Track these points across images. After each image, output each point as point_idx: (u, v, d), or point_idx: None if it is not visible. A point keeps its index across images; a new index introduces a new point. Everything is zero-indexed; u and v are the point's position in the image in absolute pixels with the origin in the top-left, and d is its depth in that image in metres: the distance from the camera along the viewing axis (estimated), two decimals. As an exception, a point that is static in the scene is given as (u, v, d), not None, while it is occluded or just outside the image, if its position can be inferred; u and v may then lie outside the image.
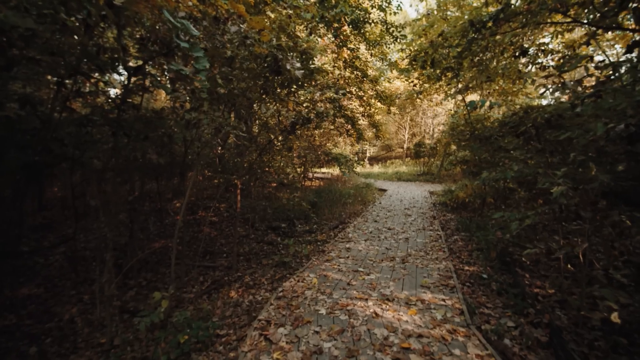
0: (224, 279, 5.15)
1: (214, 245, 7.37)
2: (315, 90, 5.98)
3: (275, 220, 8.93)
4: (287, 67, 3.05)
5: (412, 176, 20.80)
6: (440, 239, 6.03)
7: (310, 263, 4.78)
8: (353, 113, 12.03)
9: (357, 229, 6.98)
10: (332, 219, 9.17)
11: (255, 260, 6.01)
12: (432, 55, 6.10)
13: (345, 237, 6.29)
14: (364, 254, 5.07)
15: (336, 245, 5.68)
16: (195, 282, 5.18)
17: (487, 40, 5.36)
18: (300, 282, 3.97)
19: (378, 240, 5.88)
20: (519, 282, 4.03)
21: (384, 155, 34.51)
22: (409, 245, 5.54)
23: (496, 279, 4.36)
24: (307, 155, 10.24)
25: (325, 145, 14.88)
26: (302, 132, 11.77)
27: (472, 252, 5.59)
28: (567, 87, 2.92)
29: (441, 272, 4.28)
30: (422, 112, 29.87)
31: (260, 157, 5.50)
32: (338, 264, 4.57)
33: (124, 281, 5.48)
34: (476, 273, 4.64)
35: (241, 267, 5.69)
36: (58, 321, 4.14)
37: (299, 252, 5.86)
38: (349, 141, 16.92)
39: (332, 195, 11.46)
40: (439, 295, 3.48)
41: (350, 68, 10.98)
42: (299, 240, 7.15)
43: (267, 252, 6.53)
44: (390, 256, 4.88)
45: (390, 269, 4.33)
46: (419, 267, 4.43)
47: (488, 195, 7.76)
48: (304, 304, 3.34)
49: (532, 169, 3.06)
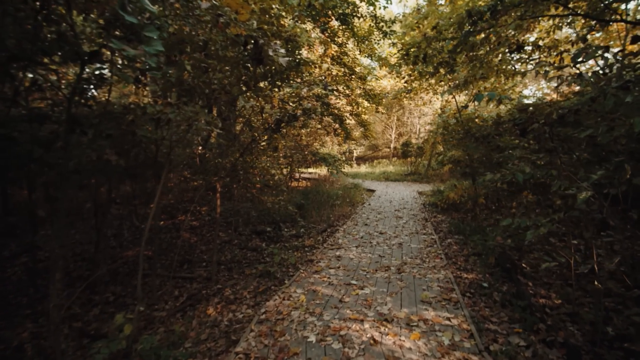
0: (202, 293, 4.66)
1: (193, 252, 6.84)
2: (302, 86, 5.56)
3: (260, 223, 8.45)
4: (270, 54, 2.63)
5: (400, 176, 20.64)
6: (435, 243, 5.71)
7: (297, 275, 4.34)
8: (341, 112, 11.67)
9: (347, 234, 6.59)
10: (320, 221, 8.76)
11: (238, 270, 5.54)
12: (425, 50, 5.77)
13: (334, 243, 5.88)
14: (356, 262, 4.68)
15: (325, 253, 5.27)
16: (169, 297, 4.67)
17: (485, 33, 5.06)
18: (286, 299, 3.53)
19: (370, 247, 5.50)
20: (523, 292, 3.73)
21: (371, 155, 34.39)
22: (404, 252, 5.19)
23: (498, 288, 4.05)
24: (294, 155, 9.81)
25: (312, 145, 14.47)
26: (287, 131, 11.32)
27: (469, 257, 5.30)
28: (585, 78, 2.61)
29: (441, 283, 3.93)
30: (409, 112, 29.89)
31: (242, 157, 5.03)
32: (328, 276, 4.16)
33: (89, 296, 4.91)
34: (476, 281, 4.33)
35: (222, 278, 5.20)
36: (4, 349, 3.57)
37: (285, 260, 5.43)
38: (336, 141, 16.57)
39: (319, 196, 11.06)
40: (443, 313, 3.13)
41: (337, 65, 10.61)
42: (285, 246, 6.70)
43: (250, 259, 6.06)
44: (385, 265, 4.50)
45: (385, 281, 3.95)
46: (417, 277, 4.07)
47: (480, 197, 7.53)
48: (290, 328, 2.91)
49: (544, 170, 2.74)
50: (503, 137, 5.19)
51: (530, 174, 2.73)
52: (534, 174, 2.75)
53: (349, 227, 7.31)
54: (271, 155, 7.13)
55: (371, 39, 9.65)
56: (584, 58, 2.69)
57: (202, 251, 6.90)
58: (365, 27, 10.15)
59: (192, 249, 7.01)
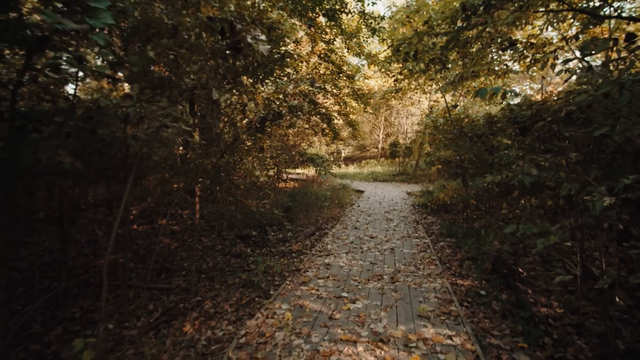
0: (179, 306, 4.28)
1: (172, 260, 6.41)
2: (289, 83, 5.23)
3: (246, 227, 8.07)
4: (249, 41, 2.31)
5: (388, 176, 20.53)
6: (428, 248, 5.48)
7: (282, 288, 3.99)
8: (329, 111, 11.39)
9: (337, 239, 6.29)
10: (308, 224, 8.45)
11: (220, 279, 5.16)
12: (416, 46, 5.54)
13: (323, 248, 5.57)
14: (347, 271, 4.38)
15: (314, 260, 4.95)
16: (142, 312, 4.26)
17: (477, 29, 4.87)
18: (270, 317, 3.19)
19: (361, 253, 5.22)
20: (523, 302, 3.51)
21: (359, 155, 34.30)
22: (396, 258, 4.93)
23: (496, 296, 3.83)
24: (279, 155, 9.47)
25: (299, 145, 14.14)
26: (274, 131, 10.96)
27: (463, 261, 5.09)
28: (594, 71, 2.40)
29: (438, 293, 3.67)
30: (396, 112, 29.92)
31: (222, 158, 4.67)
32: (317, 288, 3.84)
33: (54, 312, 4.44)
34: (473, 289, 4.10)
35: (202, 289, 4.82)
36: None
37: (270, 268, 5.09)
38: (324, 141, 16.29)
39: (307, 198, 10.75)
40: (443, 330, 2.87)
41: (325, 63, 10.32)
42: (271, 252, 6.36)
43: (234, 267, 5.69)
44: (377, 274, 4.22)
45: (379, 292, 3.67)
46: (412, 287, 3.80)
47: (471, 198, 7.38)
48: (273, 355, 2.57)
49: (551, 172, 2.52)
50: (497, 136, 5.01)
51: (537, 176, 2.50)
52: (541, 176, 2.52)
53: (338, 230, 7.02)
54: (256, 155, 6.76)
55: (359, 37, 9.40)
56: (593, 50, 2.47)
57: (183, 258, 6.48)
58: (353, 25, 9.90)
59: (172, 256, 6.57)
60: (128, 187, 3.04)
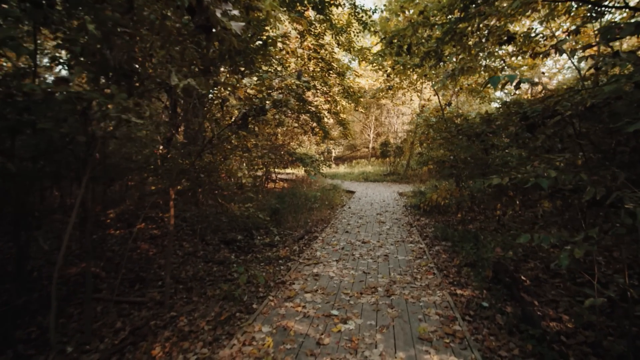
0: (151, 324, 3.83)
1: (149, 268, 5.92)
2: (274, 77, 4.83)
3: (232, 230, 7.63)
4: (218, 16, 1.91)
5: (379, 176, 20.28)
6: (424, 254, 5.14)
7: (265, 305, 3.54)
8: (318, 109, 11.01)
9: (326, 244, 5.91)
10: (297, 227, 8.06)
11: (199, 290, 4.72)
12: (410, 38, 5.21)
13: (312, 256, 5.18)
14: (337, 283, 3.99)
15: (301, 270, 4.54)
16: (108, 330, 3.80)
17: (477, 20, 4.56)
18: (248, 344, 2.76)
19: (352, 260, 4.84)
20: (531, 316, 3.19)
21: (349, 155, 34.05)
22: (391, 266, 4.57)
23: (500, 308, 3.52)
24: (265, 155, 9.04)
25: (288, 144, 13.72)
26: (261, 129, 10.52)
27: (461, 268, 4.77)
28: (621, 57, 2.08)
29: (439, 309, 3.31)
30: (387, 112, 29.76)
31: (200, 158, 4.24)
32: (304, 304, 3.43)
33: (5, 333, 3.93)
34: (474, 300, 3.78)
35: (178, 302, 4.38)
36: None
37: (254, 277, 4.68)
38: (314, 140, 15.91)
39: (296, 199, 10.34)
40: (448, 356, 2.49)
41: (315, 59, 9.93)
42: (257, 258, 5.95)
43: (215, 276, 5.26)
44: (371, 285, 3.85)
45: (373, 309, 3.28)
46: (410, 302, 3.43)
47: (466, 200, 7.10)
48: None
49: (570, 174, 2.19)
50: (496, 135, 4.72)
51: (555, 179, 2.17)
52: (559, 178, 2.19)
53: (328, 235, 6.64)
54: (241, 155, 6.33)
55: (350, 32, 9.05)
56: (618, 35, 2.15)
57: (161, 266, 6.00)
58: (344, 19, 9.54)
59: (149, 264, 6.08)
60: (81, 191, 2.60)
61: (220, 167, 5.58)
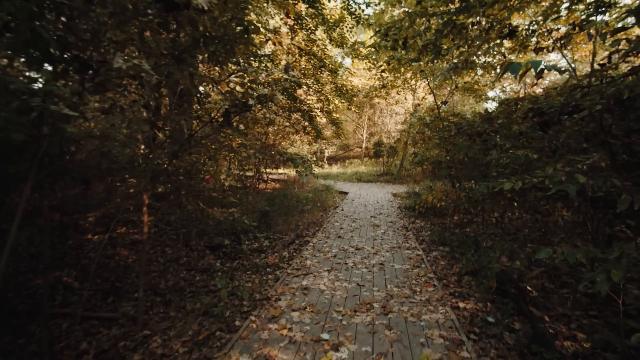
0: (120, 345, 3.41)
1: (127, 277, 5.49)
2: (261, 71, 4.44)
3: (219, 234, 7.23)
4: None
5: (372, 176, 20.00)
6: (422, 262, 4.81)
7: (244, 329, 3.11)
8: (310, 107, 10.64)
9: (318, 251, 5.53)
10: (287, 230, 7.69)
11: (178, 303, 4.32)
12: (407, 30, 4.88)
13: (301, 265, 4.79)
14: (328, 298, 3.60)
15: (289, 282, 4.13)
16: (71, 354, 3.37)
17: (478, 10, 4.24)
18: (222, 380, 2.39)
19: (345, 270, 4.47)
20: (543, 334, 2.88)
21: (342, 155, 33.77)
22: (387, 277, 4.22)
23: (508, 325, 3.20)
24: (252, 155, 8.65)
25: (280, 144, 13.32)
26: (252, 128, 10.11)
27: (461, 276, 4.46)
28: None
29: (442, 329, 2.96)
30: (380, 111, 29.55)
31: (176, 158, 3.84)
32: (290, 325, 3.02)
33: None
34: (478, 314, 3.45)
35: (153, 318, 3.97)
36: None
37: (238, 288, 4.29)
38: (306, 140, 15.54)
39: (287, 201, 9.96)
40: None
41: (306, 55, 9.55)
42: (243, 265, 5.56)
43: (197, 286, 4.85)
44: (366, 301, 3.46)
45: (369, 330, 2.90)
46: (410, 321, 3.07)
47: (464, 203, 6.81)
48: None
49: (600, 179, 1.88)
50: (499, 134, 4.42)
51: (582, 184, 1.85)
52: (587, 184, 1.86)
53: (320, 240, 6.27)
54: (227, 155, 5.93)
55: (342, 27, 8.69)
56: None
57: (139, 275, 5.57)
58: (336, 14, 9.19)
59: (127, 272, 5.64)
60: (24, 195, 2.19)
61: (203, 168, 5.18)
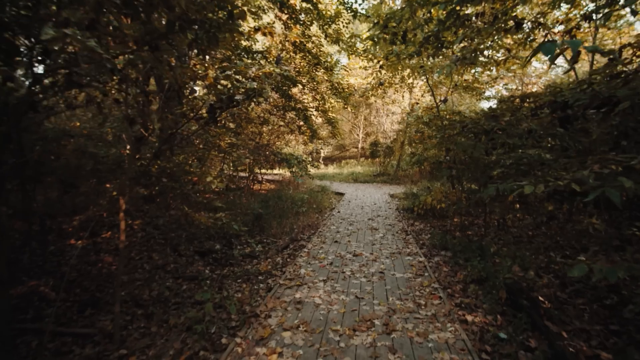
0: (92, 367, 3.06)
1: (108, 285, 5.12)
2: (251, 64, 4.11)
3: (209, 238, 6.88)
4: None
5: (369, 177, 19.74)
6: (425, 270, 4.49)
7: (229, 354, 2.71)
8: (305, 107, 10.32)
9: (313, 258, 5.20)
10: (281, 234, 7.35)
11: (160, 316, 3.97)
12: (407, 22, 4.58)
13: (295, 274, 4.44)
14: (324, 313, 3.23)
15: (281, 295, 3.74)
16: (36, 378, 3.02)
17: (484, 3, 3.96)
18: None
19: (343, 280, 4.12)
20: (564, 355, 2.59)
21: (338, 155, 33.51)
22: (388, 287, 3.88)
23: (522, 342, 2.90)
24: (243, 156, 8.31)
25: (274, 144, 12.98)
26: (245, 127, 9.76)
27: (467, 285, 4.16)
28: None
29: (453, 352, 2.58)
30: (376, 111, 29.32)
31: (157, 159, 3.50)
32: (280, 348, 2.64)
33: None
34: (487, 329, 3.16)
35: (132, 334, 3.62)
36: None
37: (226, 299, 3.95)
38: (301, 140, 15.22)
39: (282, 202, 9.63)
40: None
41: (301, 52, 9.23)
42: (233, 272, 5.22)
43: (183, 297, 4.51)
44: (366, 317, 3.10)
45: (370, 355, 2.45)
46: (416, 342, 2.72)
47: (464, 206, 6.53)
48: None
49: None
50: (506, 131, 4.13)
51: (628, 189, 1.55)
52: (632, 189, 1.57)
53: (315, 245, 5.94)
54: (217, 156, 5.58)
55: (338, 22, 8.38)
56: None
57: (123, 283, 5.20)
58: (332, 10, 8.88)
59: (108, 280, 5.26)
60: None
61: (189, 169, 4.84)
